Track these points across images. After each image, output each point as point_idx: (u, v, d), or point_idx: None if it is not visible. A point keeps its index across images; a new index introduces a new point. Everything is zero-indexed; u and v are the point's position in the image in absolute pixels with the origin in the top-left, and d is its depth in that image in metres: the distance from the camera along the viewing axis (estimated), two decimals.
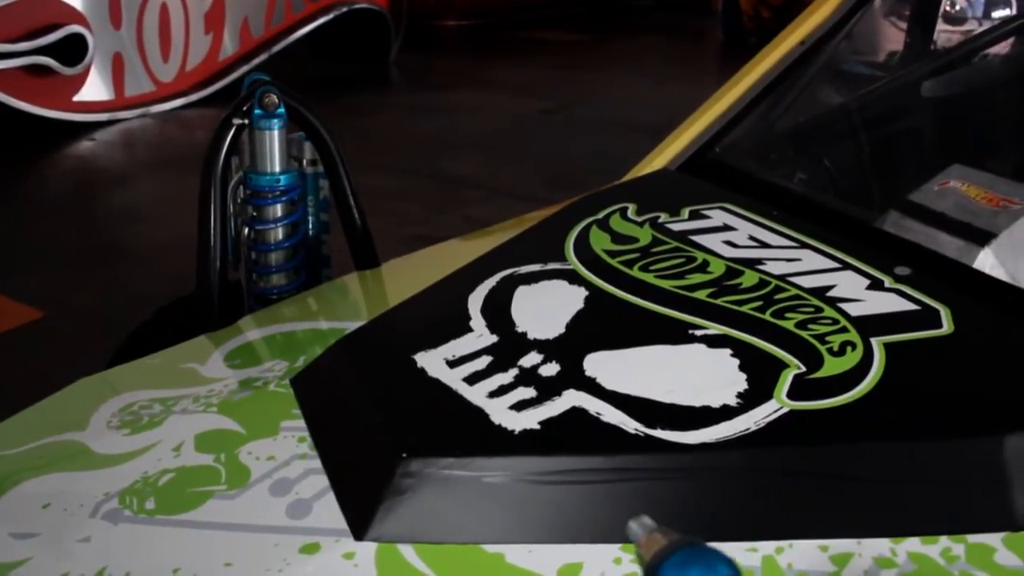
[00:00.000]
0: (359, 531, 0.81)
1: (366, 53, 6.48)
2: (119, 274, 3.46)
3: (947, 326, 0.98)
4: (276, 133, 1.35)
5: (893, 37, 1.78)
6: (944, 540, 0.78)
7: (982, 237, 1.22)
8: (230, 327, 1.28)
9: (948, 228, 1.25)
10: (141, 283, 3.20)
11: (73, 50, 4.79)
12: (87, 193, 4.38)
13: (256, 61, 5.64)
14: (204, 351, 1.23)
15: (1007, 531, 0.79)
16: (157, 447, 0.99)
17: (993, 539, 0.78)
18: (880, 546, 0.77)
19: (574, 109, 5.72)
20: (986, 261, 1.21)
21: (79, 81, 4.91)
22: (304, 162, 1.46)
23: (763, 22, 6.90)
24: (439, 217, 3.94)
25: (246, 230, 1.43)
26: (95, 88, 5.00)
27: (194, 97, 5.38)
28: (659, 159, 1.61)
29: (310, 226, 1.49)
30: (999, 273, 1.20)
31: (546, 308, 1.04)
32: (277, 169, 1.37)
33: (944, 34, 2.58)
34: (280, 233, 1.40)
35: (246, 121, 1.34)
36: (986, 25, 2.75)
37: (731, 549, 0.76)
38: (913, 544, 0.77)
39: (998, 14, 2.98)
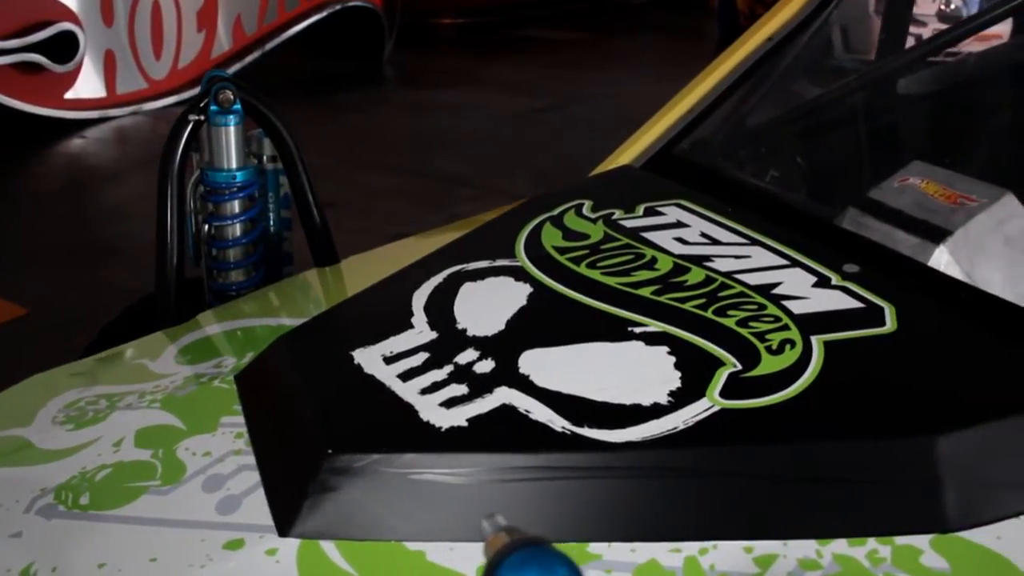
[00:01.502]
0: (284, 527, 0.80)
1: (360, 51, 6.48)
2: (107, 271, 3.46)
3: (890, 324, 0.97)
4: (232, 129, 1.34)
5: (862, 34, 1.77)
6: (872, 542, 0.77)
7: (938, 235, 1.21)
8: (186, 323, 1.28)
9: (905, 225, 1.24)
10: (129, 280, 3.20)
11: (64, 47, 4.80)
12: (77, 191, 4.38)
13: (249, 59, 5.64)
14: (157, 347, 1.23)
15: (936, 533, 0.77)
16: (98, 443, 0.99)
17: (921, 541, 0.77)
18: (806, 548, 0.76)
19: (569, 108, 5.71)
20: (941, 259, 1.20)
21: (70, 78, 4.92)
22: (264, 159, 1.46)
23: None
24: (427, 215, 3.93)
25: (206, 227, 1.42)
26: (86, 85, 5.00)
27: (186, 95, 5.37)
28: (625, 155, 1.60)
29: (271, 223, 1.49)
30: (954, 271, 1.20)
31: (489, 305, 1.03)
32: (234, 165, 1.36)
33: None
34: (238, 229, 1.40)
35: (202, 117, 1.34)
36: None
37: (654, 550, 0.76)
38: (840, 546, 0.76)
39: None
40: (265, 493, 0.85)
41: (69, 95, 4.94)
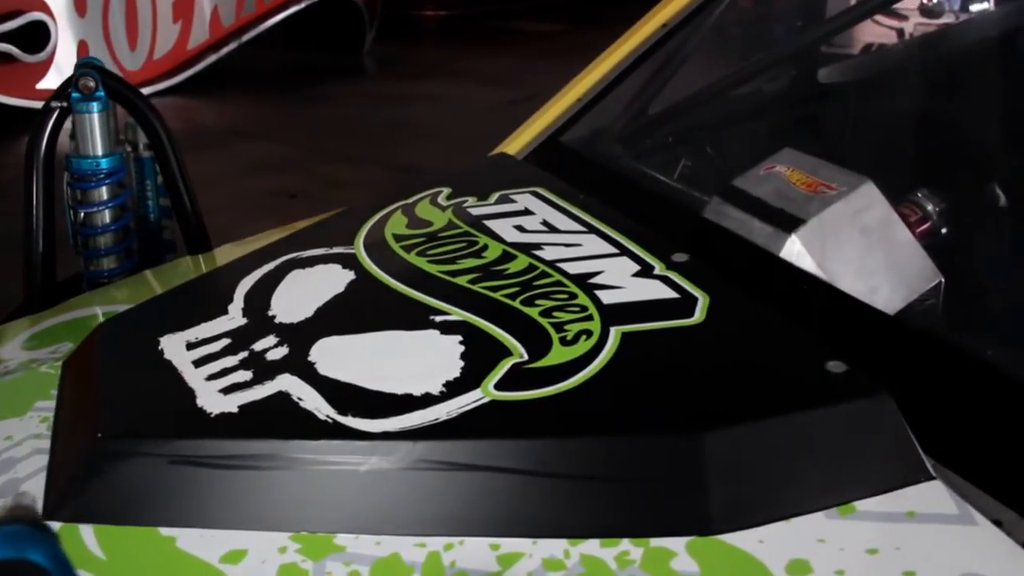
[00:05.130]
0: (50, 511, 0.80)
1: (340, 43, 6.47)
2: (60, 260, 3.46)
3: (698, 316, 0.95)
4: (95, 116, 1.35)
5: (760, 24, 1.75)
6: (625, 543, 0.74)
7: (791, 223, 1.19)
8: (50, 309, 1.28)
9: (761, 214, 1.22)
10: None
11: (36, 37, 4.81)
12: None
13: (226, 50, 5.64)
14: (12, 333, 1.23)
15: (695, 535, 0.74)
16: None
17: (677, 543, 0.74)
18: (555, 547, 0.74)
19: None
20: (792, 248, 1.18)
21: (42, 68, 4.93)
22: (140, 146, 1.46)
23: None
24: None
25: (80, 215, 1.43)
26: (59, 76, 5.01)
27: (161, 86, 5.38)
28: (512, 145, 1.60)
29: (149, 211, 1.49)
30: (805, 261, 1.18)
31: (306, 293, 1.02)
32: (99, 152, 1.36)
33: (921, 27, 2.54)
34: (107, 216, 1.40)
35: (65, 104, 1.34)
36: (963, 19, 2.71)
37: (399, 543, 0.75)
38: (591, 546, 0.74)
39: (976, 7, 2.93)
40: (46, 477, 0.85)
41: (41, 85, 4.95)
